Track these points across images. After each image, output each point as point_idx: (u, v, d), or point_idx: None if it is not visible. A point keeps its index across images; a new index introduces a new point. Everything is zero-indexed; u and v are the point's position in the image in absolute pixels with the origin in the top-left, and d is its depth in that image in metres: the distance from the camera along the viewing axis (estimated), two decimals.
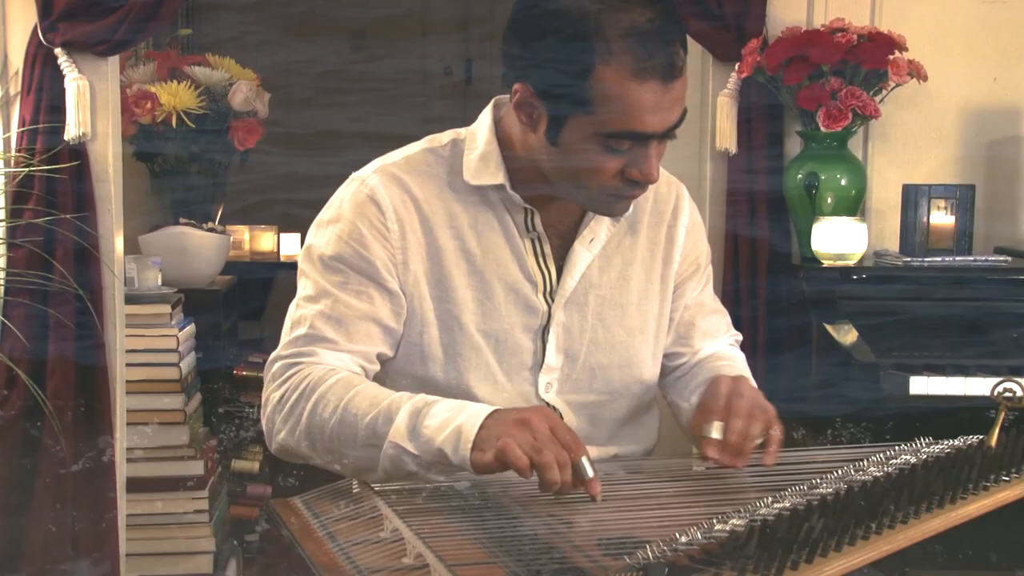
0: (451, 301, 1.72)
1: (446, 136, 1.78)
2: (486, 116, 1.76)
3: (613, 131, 1.57)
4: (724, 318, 1.98)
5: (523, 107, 1.63)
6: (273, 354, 1.70)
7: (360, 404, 1.57)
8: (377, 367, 1.72)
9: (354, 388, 1.60)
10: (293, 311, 1.73)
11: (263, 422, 1.69)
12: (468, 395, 1.70)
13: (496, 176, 1.71)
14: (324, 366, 1.65)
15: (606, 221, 1.77)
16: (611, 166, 1.61)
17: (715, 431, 1.64)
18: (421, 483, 1.57)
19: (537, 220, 1.73)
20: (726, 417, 1.65)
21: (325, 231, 1.73)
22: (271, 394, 1.67)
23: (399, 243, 1.70)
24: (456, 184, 1.73)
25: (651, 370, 1.87)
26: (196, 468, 3.07)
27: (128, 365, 2.94)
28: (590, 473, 1.44)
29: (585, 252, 1.77)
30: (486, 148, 1.72)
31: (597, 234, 1.77)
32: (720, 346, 1.95)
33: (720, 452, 1.63)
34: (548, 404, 1.77)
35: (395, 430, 1.52)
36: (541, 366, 1.76)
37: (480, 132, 1.74)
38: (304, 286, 1.73)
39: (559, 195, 1.71)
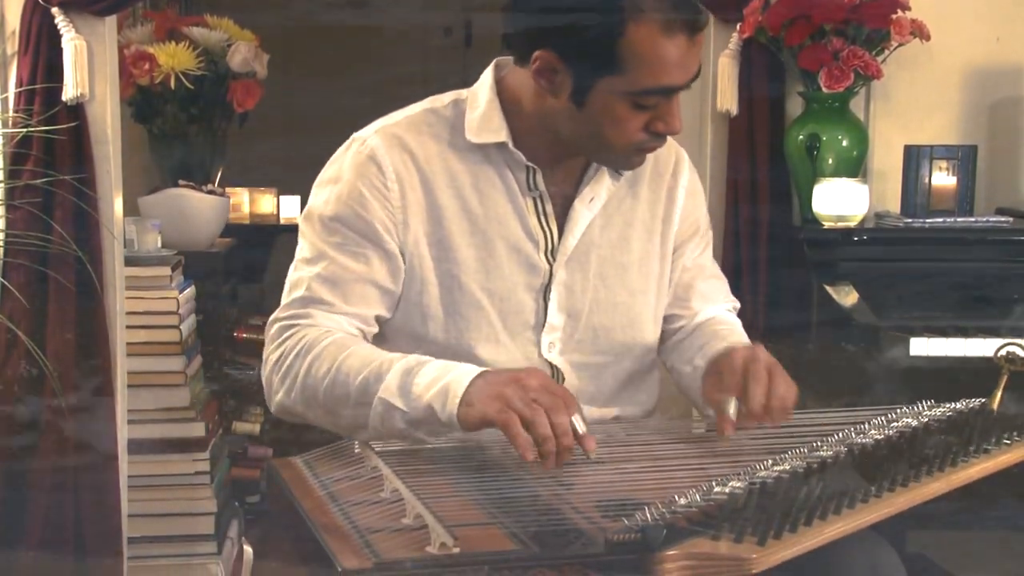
0: (452, 261, 1.72)
1: (447, 97, 1.78)
2: (487, 76, 1.76)
3: (644, 88, 1.59)
4: (723, 284, 1.99)
5: (545, 73, 1.64)
6: (272, 315, 1.74)
7: (353, 364, 1.61)
8: (375, 329, 1.74)
9: (347, 349, 1.63)
10: (292, 273, 1.75)
11: (263, 382, 1.73)
12: (469, 355, 1.71)
13: (498, 134, 1.71)
14: (320, 328, 1.68)
15: (606, 181, 1.78)
16: (638, 122, 1.63)
17: (731, 408, 1.64)
18: (418, 443, 1.59)
19: (539, 178, 1.73)
20: (743, 388, 1.64)
21: (324, 192, 1.74)
22: (270, 355, 1.70)
23: (399, 203, 1.70)
24: (458, 144, 1.73)
25: (653, 332, 1.87)
26: (197, 430, 3.08)
27: (128, 327, 2.94)
28: (582, 429, 1.47)
29: (585, 211, 1.77)
30: (488, 107, 1.72)
31: (597, 193, 1.78)
32: (718, 311, 1.95)
33: (734, 428, 1.64)
34: (551, 364, 1.78)
35: (385, 388, 1.57)
36: (544, 325, 1.77)
37: (481, 92, 1.75)
38: (302, 247, 1.75)
39: (572, 153, 1.72)
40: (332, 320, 1.69)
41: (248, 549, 3.40)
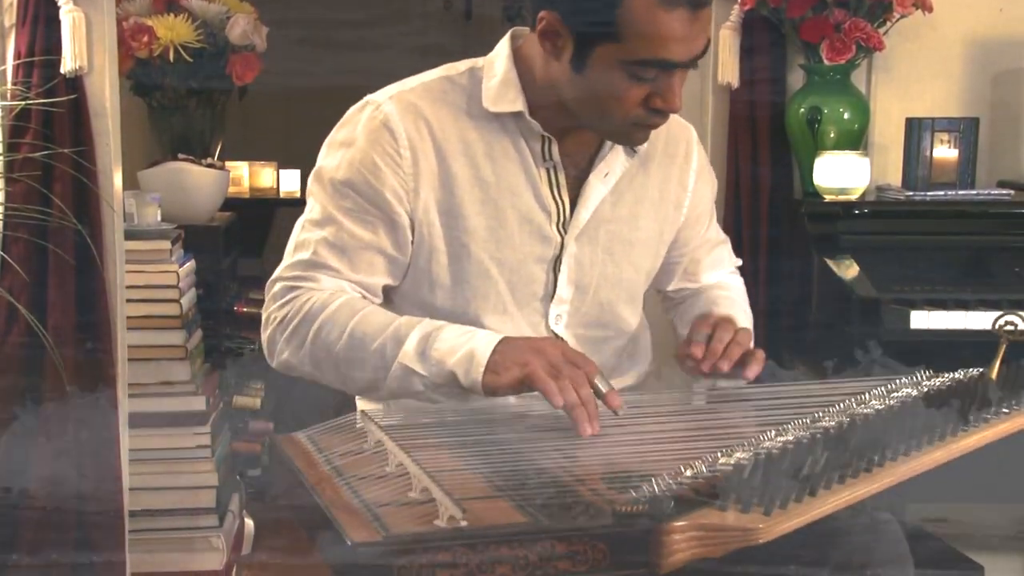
0: (462, 229, 1.72)
1: (463, 65, 1.78)
2: (504, 45, 1.75)
3: (640, 59, 1.58)
4: (726, 247, 2.03)
5: (548, 35, 1.63)
6: (275, 273, 1.74)
7: (367, 328, 1.62)
8: (379, 298, 1.74)
9: (360, 312, 1.64)
10: (298, 232, 1.74)
11: (263, 339, 1.74)
12: (476, 324, 1.72)
13: (515, 103, 1.70)
14: (326, 291, 1.68)
15: (621, 156, 1.78)
16: (635, 94, 1.62)
17: (698, 351, 1.73)
18: (426, 405, 1.61)
19: (554, 149, 1.73)
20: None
21: (337, 153, 1.73)
22: (273, 313, 1.71)
23: (411, 170, 1.70)
24: (473, 112, 1.73)
25: (641, 304, 1.92)
26: (198, 404, 3.08)
27: (128, 301, 2.94)
28: (604, 388, 1.52)
29: (600, 185, 1.77)
30: (505, 76, 1.72)
31: (612, 168, 1.78)
32: (721, 275, 1.99)
33: (702, 351, 1.72)
34: (557, 336, 1.78)
35: (404, 352, 1.58)
36: (552, 297, 1.77)
37: (499, 61, 1.74)
38: (311, 208, 1.74)
39: (579, 124, 1.71)
40: (337, 285, 1.70)
41: (249, 522, 3.41)
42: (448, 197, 1.71)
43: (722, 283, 1.98)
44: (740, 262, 2.06)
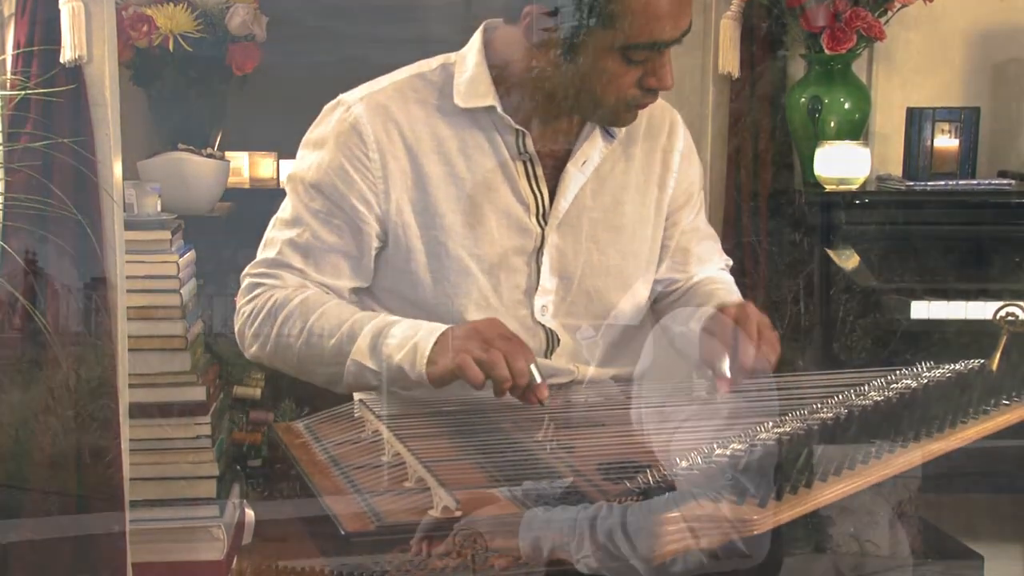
0: (438, 227, 1.72)
1: (435, 61, 1.78)
2: (476, 39, 1.76)
3: (635, 43, 1.59)
4: (716, 243, 2.01)
5: (535, 29, 1.62)
6: (245, 269, 1.78)
7: (325, 325, 1.66)
8: (346, 298, 1.75)
9: (319, 309, 1.68)
10: (269, 229, 1.79)
11: (236, 332, 1.80)
12: (460, 319, 1.73)
13: (486, 98, 1.70)
14: (287, 288, 1.72)
15: (599, 143, 1.78)
16: (630, 77, 1.63)
17: (725, 367, 1.66)
18: (423, 396, 1.61)
19: (528, 142, 1.73)
20: (733, 346, 1.66)
21: (310, 155, 1.76)
22: (242, 307, 1.76)
23: (380, 173, 1.71)
24: (445, 108, 1.73)
25: (643, 292, 1.89)
26: (198, 394, 3.08)
27: (128, 291, 2.94)
28: (538, 378, 1.51)
29: (578, 174, 1.77)
30: (476, 70, 1.72)
31: (590, 156, 1.77)
32: (713, 271, 1.97)
33: (730, 386, 1.65)
34: (544, 327, 1.78)
35: (357, 349, 1.62)
36: (536, 289, 1.77)
37: (470, 55, 1.74)
38: (284, 207, 1.79)
39: (560, 112, 1.71)
40: (301, 282, 1.74)
41: (250, 512, 3.41)
42: (423, 197, 1.72)
43: (713, 277, 1.97)
44: (731, 262, 2.04)
